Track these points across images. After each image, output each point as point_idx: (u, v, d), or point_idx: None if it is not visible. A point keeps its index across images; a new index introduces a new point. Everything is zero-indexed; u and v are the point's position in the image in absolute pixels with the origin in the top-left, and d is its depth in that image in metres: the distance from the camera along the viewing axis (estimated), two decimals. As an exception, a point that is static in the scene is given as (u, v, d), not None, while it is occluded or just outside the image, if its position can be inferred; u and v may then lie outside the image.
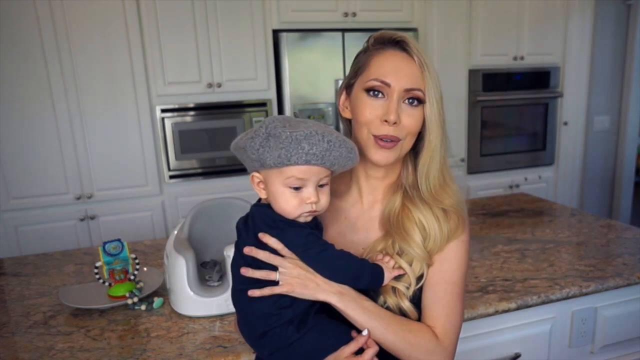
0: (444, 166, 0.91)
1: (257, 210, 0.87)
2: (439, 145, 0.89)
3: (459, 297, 0.91)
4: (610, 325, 1.48)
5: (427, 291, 0.91)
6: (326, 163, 0.80)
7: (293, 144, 0.77)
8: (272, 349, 0.84)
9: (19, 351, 1.15)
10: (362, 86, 0.89)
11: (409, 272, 0.89)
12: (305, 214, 0.83)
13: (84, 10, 2.52)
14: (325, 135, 0.78)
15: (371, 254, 0.92)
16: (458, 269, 0.91)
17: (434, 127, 0.88)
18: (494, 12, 3.27)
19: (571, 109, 3.64)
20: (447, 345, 0.89)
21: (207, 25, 2.74)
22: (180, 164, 2.85)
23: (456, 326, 0.91)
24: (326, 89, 2.97)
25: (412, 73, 0.86)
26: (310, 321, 0.84)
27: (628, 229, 1.83)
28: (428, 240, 0.89)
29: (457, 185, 0.93)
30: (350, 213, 0.98)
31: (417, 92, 0.86)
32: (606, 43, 3.67)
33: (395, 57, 0.87)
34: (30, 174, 2.58)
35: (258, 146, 0.79)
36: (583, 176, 3.82)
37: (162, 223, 2.87)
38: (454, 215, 0.91)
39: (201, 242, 1.41)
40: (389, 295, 0.89)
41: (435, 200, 0.90)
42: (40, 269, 1.67)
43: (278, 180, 0.81)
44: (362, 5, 2.97)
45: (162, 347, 1.15)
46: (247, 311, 0.86)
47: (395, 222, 0.91)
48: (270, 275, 0.82)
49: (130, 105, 2.69)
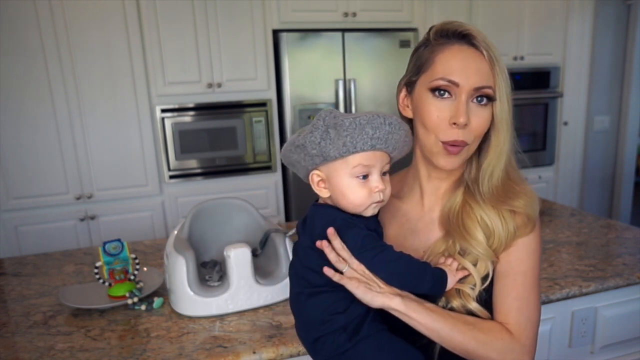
0: (510, 166, 0.86)
1: (315, 209, 0.84)
2: (507, 145, 0.83)
3: (532, 288, 0.84)
4: (610, 325, 1.48)
5: (496, 285, 0.84)
6: (389, 147, 0.79)
7: (357, 129, 0.75)
8: (325, 356, 0.82)
9: (19, 351, 1.15)
10: (426, 85, 0.82)
11: (473, 272, 0.83)
12: (374, 204, 0.81)
13: (83, 10, 2.52)
14: (386, 118, 0.78)
15: (432, 257, 0.86)
16: (528, 258, 0.84)
17: (503, 127, 0.82)
18: (494, 12, 3.28)
19: (571, 109, 3.64)
20: (523, 341, 0.82)
21: (207, 25, 2.74)
22: (180, 164, 2.85)
23: (532, 320, 0.83)
24: (326, 89, 2.97)
25: (482, 69, 0.79)
26: (364, 330, 0.81)
27: (628, 229, 1.83)
28: (492, 239, 0.83)
29: (527, 185, 0.87)
30: (411, 215, 0.94)
31: (487, 89, 0.80)
32: (606, 43, 3.67)
33: (462, 53, 0.80)
34: (30, 174, 2.58)
35: (319, 140, 0.77)
36: (583, 176, 3.82)
37: (162, 223, 2.87)
38: (524, 215, 0.84)
39: (201, 242, 1.41)
40: (454, 298, 0.83)
41: (500, 202, 0.84)
42: (40, 269, 1.67)
43: (344, 171, 0.78)
44: (362, 5, 2.97)
45: (162, 347, 1.15)
46: (303, 315, 0.85)
47: (455, 220, 0.86)
48: (341, 263, 0.79)
49: (130, 105, 2.69)
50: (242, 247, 1.27)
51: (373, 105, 3.07)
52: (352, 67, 2.98)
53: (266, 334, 1.18)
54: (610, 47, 3.69)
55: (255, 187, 3.01)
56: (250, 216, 1.45)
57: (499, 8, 3.28)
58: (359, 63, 2.99)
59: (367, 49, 2.99)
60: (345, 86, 2.97)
